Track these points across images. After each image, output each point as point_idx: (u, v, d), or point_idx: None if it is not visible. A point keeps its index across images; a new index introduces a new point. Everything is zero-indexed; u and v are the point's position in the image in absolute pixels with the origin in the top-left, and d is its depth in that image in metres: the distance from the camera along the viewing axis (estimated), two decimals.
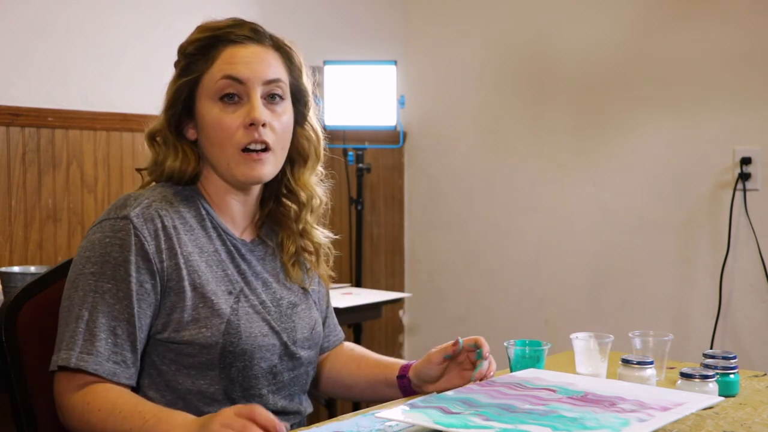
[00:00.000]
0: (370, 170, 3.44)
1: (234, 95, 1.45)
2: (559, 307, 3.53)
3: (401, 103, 3.33)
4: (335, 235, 1.63)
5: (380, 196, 3.86)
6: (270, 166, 1.47)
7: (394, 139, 3.66)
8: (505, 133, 3.68)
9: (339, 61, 3.30)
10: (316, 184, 1.58)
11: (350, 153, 3.40)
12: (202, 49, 1.46)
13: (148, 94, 2.99)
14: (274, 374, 1.48)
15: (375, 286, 3.75)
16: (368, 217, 3.77)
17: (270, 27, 1.53)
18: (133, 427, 1.28)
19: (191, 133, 1.49)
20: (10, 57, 2.69)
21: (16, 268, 2.24)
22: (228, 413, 1.17)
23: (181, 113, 1.48)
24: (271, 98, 1.47)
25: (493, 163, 3.71)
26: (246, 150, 1.44)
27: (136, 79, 2.95)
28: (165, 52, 3.00)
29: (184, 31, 1.53)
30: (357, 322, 3.16)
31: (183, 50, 1.49)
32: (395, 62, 3.31)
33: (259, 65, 1.46)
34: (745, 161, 3.05)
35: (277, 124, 1.47)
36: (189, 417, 1.27)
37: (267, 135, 1.45)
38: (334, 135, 3.40)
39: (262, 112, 1.44)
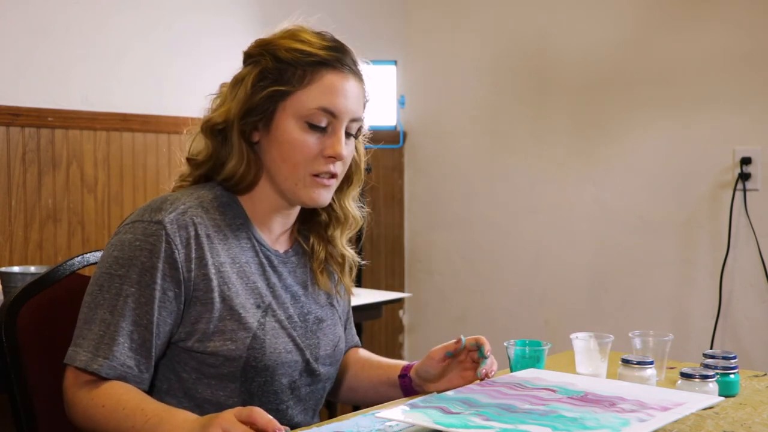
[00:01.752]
0: (370, 170, 3.42)
1: (322, 124, 1.45)
2: (559, 307, 3.53)
3: (401, 103, 3.33)
4: (362, 259, 1.66)
5: (380, 196, 3.86)
6: (331, 193, 1.50)
7: (394, 139, 3.66)
8: (505, 133, 3.68)
9: None
10: (356, 208, 1.60)
11: None
12: (302, 64, 1.44)
13: (148, 94, 3.00)
14: (293, 389, 1.48)
15: (375, 286, 3.74)
16: (368, 217, 3.76)
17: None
18: (135, 424, 1.28)
19: (255, 136, 1.46)
20: (10, 57, 2.69)
21: (16, 268, 2.23)
22: (228, 416, 1.17)
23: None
24: (349, 134, 1.49)
25: (493, 163, 3.71)
26: (315, 175, 1.45)
27: (136, 79, 2.94)
28: (165, 52, 3.04)
29: (184, 31, 1.53)
30: (357, 322, 3.14)
31: (272, 51, 1.46)
32: (395, 62, 3.31)
33: (353, 102, 1.47)
34: (745, 161, 3.05)
35: (347, 157, 1.49)
36: (190, 416, 1.27)
37: (338, 167, 1.47)
38: None
39: (344, 148, 1.46)
